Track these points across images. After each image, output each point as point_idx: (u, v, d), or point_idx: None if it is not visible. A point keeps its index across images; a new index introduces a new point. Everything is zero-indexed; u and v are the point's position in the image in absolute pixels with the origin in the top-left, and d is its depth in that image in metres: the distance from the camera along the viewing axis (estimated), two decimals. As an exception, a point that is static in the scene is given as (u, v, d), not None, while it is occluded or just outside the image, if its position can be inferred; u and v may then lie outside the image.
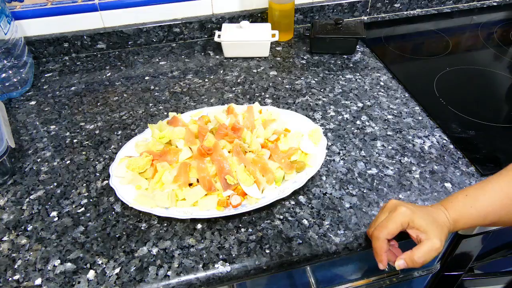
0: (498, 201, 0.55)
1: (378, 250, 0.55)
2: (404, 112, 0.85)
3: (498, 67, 0.98)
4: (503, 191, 0.56)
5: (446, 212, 0.57)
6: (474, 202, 0.56)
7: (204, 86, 0.96)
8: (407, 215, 0.54)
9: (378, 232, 0.54)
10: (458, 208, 0.57)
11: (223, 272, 0.58)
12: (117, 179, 0.68)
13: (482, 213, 0.56)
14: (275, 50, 1.09)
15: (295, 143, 0.73)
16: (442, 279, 0.92)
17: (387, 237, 0.54)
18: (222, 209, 0.64)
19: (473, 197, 0.57)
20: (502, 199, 0.55)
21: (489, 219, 0.56)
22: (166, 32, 1.11)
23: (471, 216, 0.56)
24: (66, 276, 0.58)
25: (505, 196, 0.55)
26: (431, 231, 0.53)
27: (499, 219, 0.56)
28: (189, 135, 0.72)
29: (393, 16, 1.22)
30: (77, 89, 0.97)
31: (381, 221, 0.56)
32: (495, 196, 0.56)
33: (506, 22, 1.18)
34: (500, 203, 0.55)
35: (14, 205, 0.69)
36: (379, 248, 0.54)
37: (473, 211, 0.56)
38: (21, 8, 1.01)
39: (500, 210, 0.55)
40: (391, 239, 0.56)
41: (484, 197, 0.56)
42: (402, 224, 0.54)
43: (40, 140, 0.83)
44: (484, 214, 0.56)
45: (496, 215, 0.56)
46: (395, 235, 0.54)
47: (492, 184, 0.57)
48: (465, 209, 0.56)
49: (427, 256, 0.52)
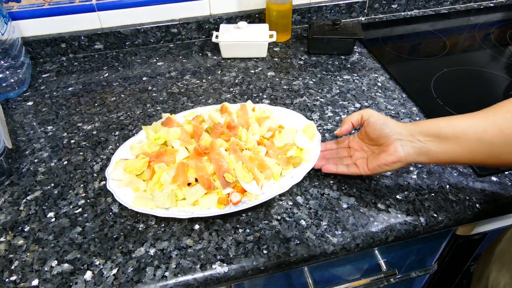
0: (481, 129, 0.53)
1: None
2: (401, 113, 0.85)
3: (495, 67, 0.99)
4: (487, 120, 0.54)
5: (416, 130, 0.58)
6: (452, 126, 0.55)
7: (201, 87, 0.96)
8: (369, 113, 0.64)
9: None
10: (428, 126, 0.57)
11: (220, 273, 0.58)
12: (114, 182, 0.68)
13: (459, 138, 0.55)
14: (273, 50, 1.09)
15: (290, 139, 0.73)
16: (439, 279, 0.92)
17: (345, 125, 0.67)
18: (223, 207, 0.64)
19: (453, 119, 0.56)
20: (485, 127, 0.53)
21: (465, 150, 0.55)
22: (164, 33, 1.11)
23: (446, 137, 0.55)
24: (63, 277, 0.58)
25: (489, 124, 0.53)
26: (394, 138, 0.59)
27: (476, 153, 0.54)
28: (185, 135, 0.72)
29: (390, 17, 1.23)
30: (75, 90, 0.97)
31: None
32: (477, 124, 0.54)
33: (503, 23, 1.18)
34: (484, 132, 0.53)
35: (11, 205, 0.69)
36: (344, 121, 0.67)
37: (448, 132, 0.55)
38: (18, 8, 1.00)
39: (481, 140, 0.53)
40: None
41: (466, 124, 0.55)
42: (358, 117, 0.65)
43: (37, 140, 0.82)
44: (462, 143, 0.54)
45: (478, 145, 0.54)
46: (350, 127, 0.66)
47: (473, 115, 0.56)
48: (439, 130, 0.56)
49: (383, 166, 0.61)
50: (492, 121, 0.53)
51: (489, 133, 0.53)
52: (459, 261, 0.88)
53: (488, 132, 0.53)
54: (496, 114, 0.53)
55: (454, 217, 0.64)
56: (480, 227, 0.77)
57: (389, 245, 0.65)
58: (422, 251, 0.81)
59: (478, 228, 0.77)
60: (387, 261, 0.76)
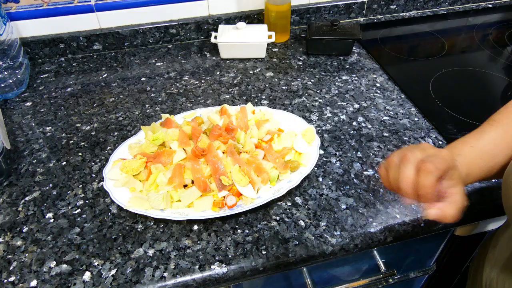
0: (500, 149, 0.53)
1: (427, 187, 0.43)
2: (400, 113, 0.85)
3: (493, 68, 0.99)
4: (502, 138, 0.53)
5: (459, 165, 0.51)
6: (480, 153, 0.53)
7: (200, 87, 0.96)
8: (450, 160, 0.45)
9: (430, 166, 0.43)
10: (467, 161, 0.52)
11: (219, 273, 0.58)
12: (111, 182, 0.68)
13: (489, 164, 0.53)
14: (272, 51, 1.09)
15: (288, 143, 0.73)
16: (438, 280, 0.92)
17: (437, 175, 0.44)
18: (218, 209, 0.63)
19: (478, 148, 0.53)
20: (502, 145, 0.53)
21: (494, 170, 0.54)
22: (163, 33, 1.11)
23: (481, 169, 0.53)
24: (62, 277, 0.58)
25: (504, 142, 0.53)
26: (460, 185, 0.46)
27: (501, 167, 0.53)
28: (183, 136, 0.72)
29: (389, 17, 1.23)
30: (73, 90, 0.97)
31: (426, 159, 0.45)
32: (495, 144, 0.53)
33: (501, 24, 1.18)
34: (503, 152, 0.53)
35: (9, 206, 0.69)
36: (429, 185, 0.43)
37: (481, 163, 0.52)
38: (17, 9, 1.00)
39: (503, 159, 0.53)
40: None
41: (488, 148, 0.53)
42: (448, 166, 0.45)
43: (35, 141, 0.82)
44: (491, 165, 0.53)
45: (499, 165, 0.53)
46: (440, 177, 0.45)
47: (488, 133, 0.54)
48: (475, 162, 0.52)
49: (458, 214, 0.44)
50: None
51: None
52: (458, 262, 0.88)
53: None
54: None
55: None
56: (479, 227, 0.77)
57: (388, 245, 0.65)
58: (421, 251, 0.81)
59: (476, 229, 0.77)
60: (386, 262, 0.76)
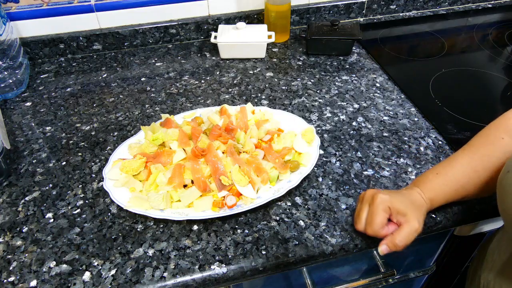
0: (466, 175, 0.58)
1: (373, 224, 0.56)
2: (400, 113, 0.85)
3: (493, 68, 0.99)
4: (469, 165, 0.58)
5: (422, 193, 0.59)
6: (445, 179, 0.59)
7: (200, 87, 0.96)
8: (386, 201, 0.56)
9: (371, 229, 0.56)
10: (431, 187, 0.59)
11: (219, 273, 0.58)
12: (111, 182, 0.68)
13: (453, 188, 0.59)
14: (272, 51, 1.09)
15: (288, 143, 0.73)
16: (438, 280, 0.92)
17: (380, 228, 0.55)
18: (218, 209, 0.63)
19: (444, 174, 0.59)
20: (469, 173, 0.58)
21: (460, 193, 0.59)
22: (162, 33, 1.11)
23: (445, 193, 0.59)
24: (62, 277, 0.58)
25: (471, 170, 0.58)
26: (410, 213, 0.55)
27: (467, 192, 0.59)
28: (183, 136, 0.72)
29: (389, 17, 1.23)
30: (73, 90, 0.97)
31: (367, 218, 0.57)
32: (463, 171, 0.58)
33: (501, 24, 1.19)
34: (467, 177, 0.58)
35: (9, 206, 0.69)
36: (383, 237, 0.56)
37: (446, 188, 0.59)
38: (17, 9, 1.00)
39: (467, 183, 0.58)
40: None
41: (453, 173, 0.59)
42: (385, 211, 0.55)
43: (35, 141, 0.82)
44: (455, 189, 0.59)
45: (465, 189, 0.58)
46: (385, 223, 0.56)
47: (457, 159, 0.60)
48: (439, 187, 0.59)
49: (407, 239, 0.54)
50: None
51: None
52: (458, 262, 0.88)
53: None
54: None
55: (452, 218, 0.64)
56: (478, 227, 0.77)
57: (388, 245, 0.65)
58: (421, 251, 0.81)
59: (476, 229, 0.77)
60: (385, 262, 0.76)
